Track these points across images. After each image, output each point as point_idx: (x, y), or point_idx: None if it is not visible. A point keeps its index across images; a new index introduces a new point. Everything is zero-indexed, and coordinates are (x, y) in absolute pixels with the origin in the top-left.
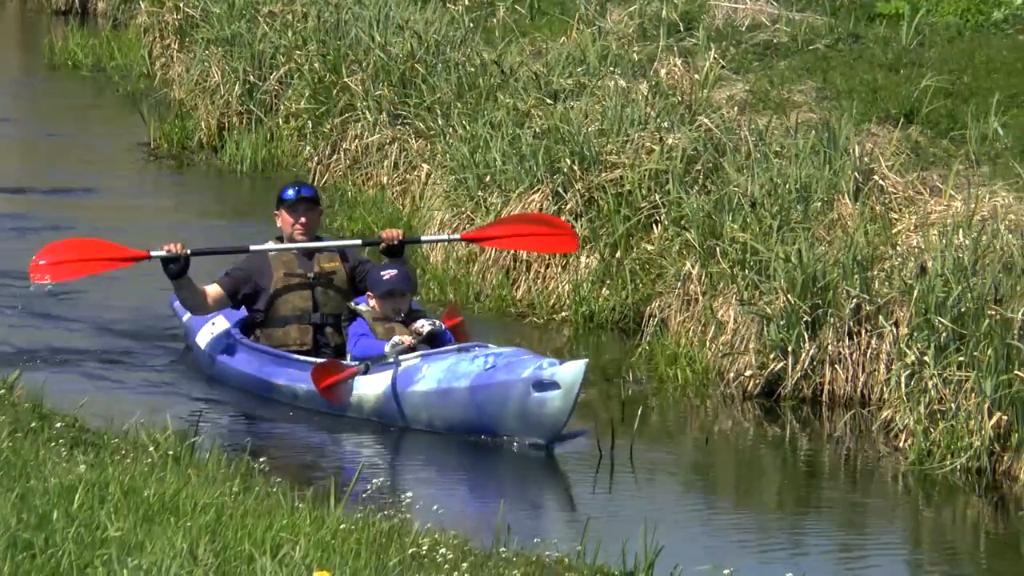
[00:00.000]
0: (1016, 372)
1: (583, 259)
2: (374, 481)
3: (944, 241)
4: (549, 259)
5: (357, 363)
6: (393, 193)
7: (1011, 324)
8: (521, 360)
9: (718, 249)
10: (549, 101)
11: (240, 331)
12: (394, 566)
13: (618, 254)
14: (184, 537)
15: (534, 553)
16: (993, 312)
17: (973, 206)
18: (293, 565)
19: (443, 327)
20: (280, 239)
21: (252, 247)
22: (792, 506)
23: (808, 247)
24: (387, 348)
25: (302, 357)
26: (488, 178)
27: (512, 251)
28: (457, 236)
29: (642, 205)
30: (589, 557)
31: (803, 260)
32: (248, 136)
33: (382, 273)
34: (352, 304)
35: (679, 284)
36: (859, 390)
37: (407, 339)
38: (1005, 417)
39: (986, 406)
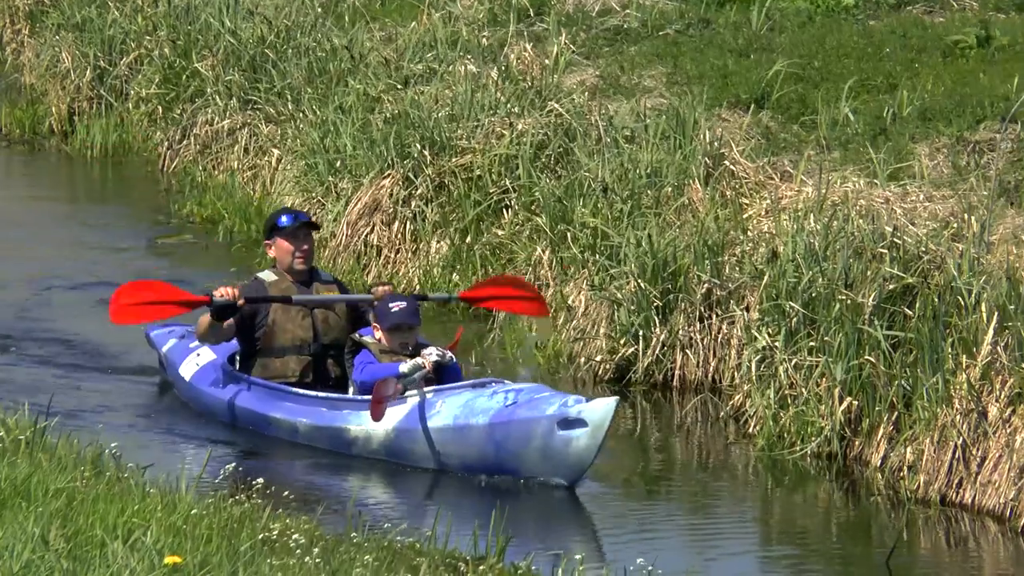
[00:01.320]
0: (866, 357)
1: (433, 244)
2: (226, 467)
3: (795, 226)
4: (399, 244)
5: (398, 382)
6: (243, 178)
7: (861, 309)
8: (544, 396)
9: (569, 234)
10: (399, 86)
11: (229, 362)
12: (245, 551)
13: (468, 239)
14: (35, 522)
15: (385, 539)
16: (843, 297)
17: (824, 191)
18: (144, 550)
19: (452, 359)
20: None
21: (295, 298)
22: (642, 491)
23: (659, 232)
24: (404, 368)
25: (300, 390)
26: (339, 163)
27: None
28: (456, 295)
29: (492, 190)
30: (440, 542)
31: (654, 245)
32: (99, 121)
33: (390, 305)
34: (356, 336)
35: (530, 269)
36: (710, 375)
37: (428, 362)
38: (855, 402)
39: (836, 391)
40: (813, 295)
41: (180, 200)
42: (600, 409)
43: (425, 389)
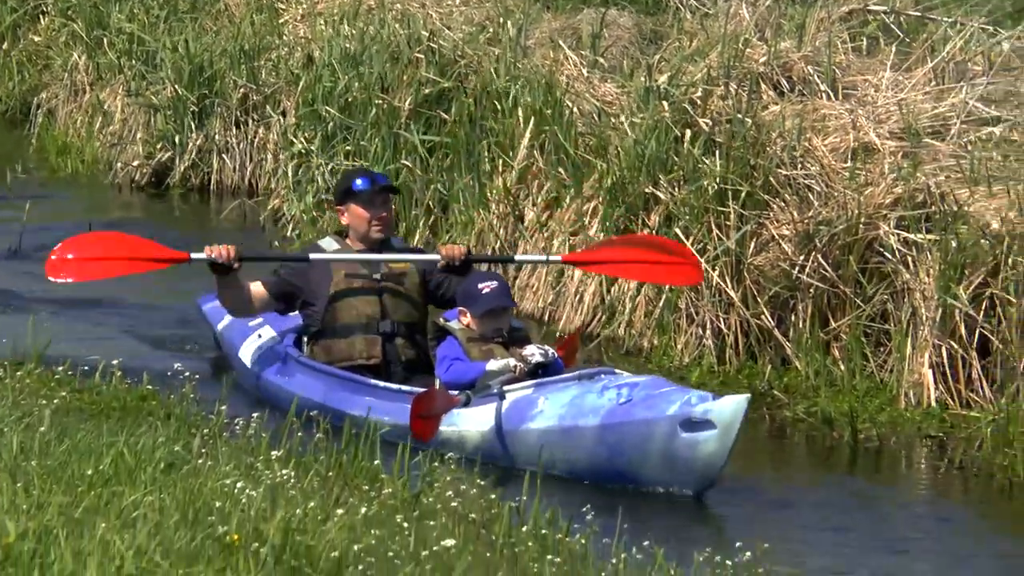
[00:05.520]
0: (403, 161)
1: None
2: None
3: (331, 31)
4: None
5: (458, 393)
6: None
7: (398, 113)
8: (663, 393)
9: (105, 39)
10: None
11: (294, 343)
12: None
13: (5, 45)
14: None
15: None
16: (380, 101)
17: None
18: None
19: (555, 356)
20: (342, 235)
21: (312, 255)
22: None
23: (195, 37)
24: (491, 366)
25: (380, 383)
26: None
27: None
28: (558, 258)
29: None
30: None
31: (190, 50)
32: None
33: (480, 286)
34: (441, 320)
35: (66, 75)
36: (247, 179)
37: (522, 368)
38: (393, 207)
39: None
40: (349, 100)
41: None
42: (729, 408)
43: (529, 383)
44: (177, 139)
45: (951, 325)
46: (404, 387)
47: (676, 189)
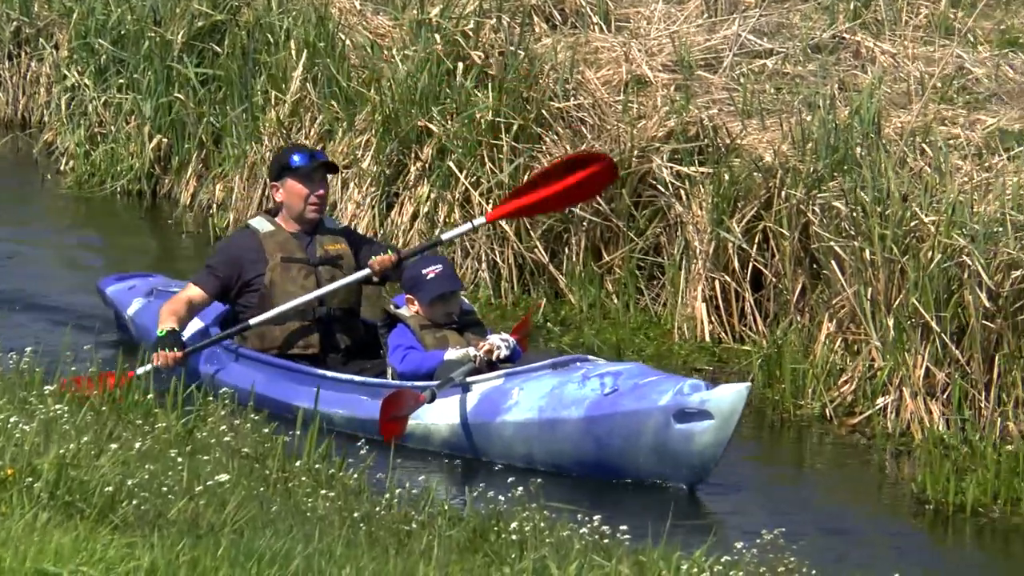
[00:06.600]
0: (176, 94)
1: None
2: None
3: None
4: None
5: (423, 391)
6: None
7: (171, 45)
8: (652, 382)
9: None
10: None
11: (219, 329)
12: None
13: None
14: None
15: None
16: (153, 34)
17: None
18: None
19: (516, 346)
20: (272, 215)
21: (252, 321)
22: None
23: None
24: (449, 356)
25: (331, 373)
26: None
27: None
28: (482, 219)
29: None
30: None
31: None
32: None
33: (424, 272)
34: (392, 307)
35: None
36: (20, 113)
37: (478, 355)
38: (165, 140)
39: (146, 128)
40: (123, 32)
41: None
42: (728, 398)
43: (498, 373)
44: None
45: (724, 259)
46: (356, 378)
47: (449, 122)
